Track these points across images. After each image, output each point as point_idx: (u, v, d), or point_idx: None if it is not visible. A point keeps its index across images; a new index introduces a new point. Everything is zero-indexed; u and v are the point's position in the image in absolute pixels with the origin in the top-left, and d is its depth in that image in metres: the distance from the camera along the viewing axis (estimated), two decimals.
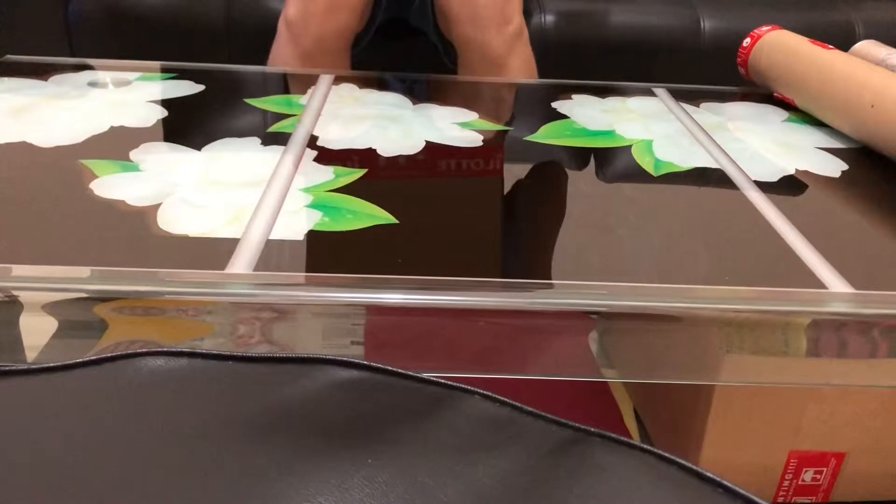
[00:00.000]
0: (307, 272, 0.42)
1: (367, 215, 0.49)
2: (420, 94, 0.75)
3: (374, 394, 0.28)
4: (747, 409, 0.52)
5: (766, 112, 0.76)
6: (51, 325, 0.40)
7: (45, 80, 0.72)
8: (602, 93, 0.79)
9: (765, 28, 0.82)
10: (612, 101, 0.77)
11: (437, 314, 0.41)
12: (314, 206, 0.50)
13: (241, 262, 0.43)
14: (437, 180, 0.56)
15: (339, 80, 0.77)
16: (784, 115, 0.76)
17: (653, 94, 0.80)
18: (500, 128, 0.67)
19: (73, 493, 0.23)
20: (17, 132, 0.59)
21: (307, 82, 0.76)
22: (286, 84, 0.77)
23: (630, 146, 0.64)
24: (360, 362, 0.29)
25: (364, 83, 0.77)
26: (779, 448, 0.54)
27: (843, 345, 0.43)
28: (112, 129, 0.61)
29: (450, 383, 0.29)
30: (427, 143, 0.62)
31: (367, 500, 0.24)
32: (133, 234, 0.45)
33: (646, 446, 0.26)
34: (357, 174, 0.55)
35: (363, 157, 0.58)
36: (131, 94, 0.70)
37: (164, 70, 0.77)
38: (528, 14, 1.10)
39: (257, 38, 1.04)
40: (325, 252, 0.45)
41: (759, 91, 0.83)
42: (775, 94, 0.80)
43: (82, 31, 1.16)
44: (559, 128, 0.68)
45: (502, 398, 0.28)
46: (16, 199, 0.49)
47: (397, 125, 0.66)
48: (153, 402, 0.27)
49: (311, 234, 0.46)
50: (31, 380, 0.28)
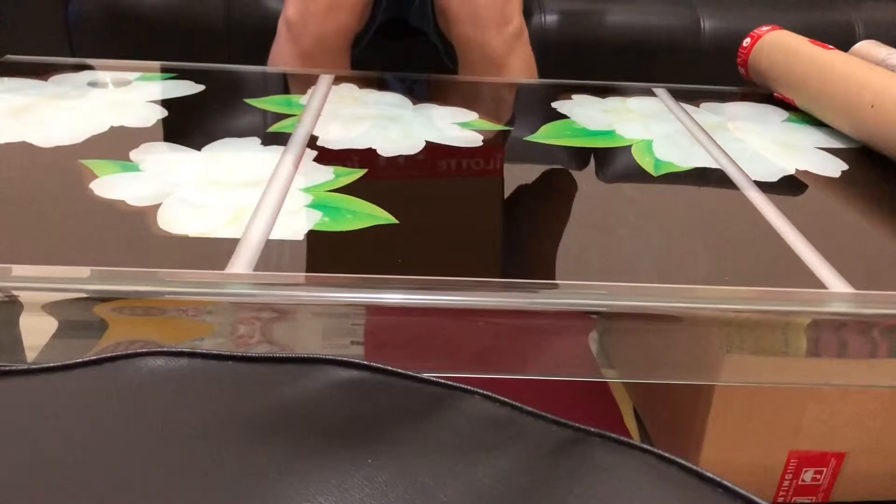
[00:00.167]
0: (307, 272, 0.42)
1: (367, 215, 0.49)
2: (420, 94, 0.75)
3: (374, 394, 0.28)
4: (747, 409, 0.52)
5: (766, 112, 0.76)
6: (51, 325, 0.40)
7: (45, 80, 0.72)
8: (602, 93, 0.79)
9: (765, 28, 0.82)
10: (612, 101, 0.77)
11: (437, 314, 0.41)
12: (314, 206, 0.50)
13: (241, 262, 0.43)
14: (437, 180, 0.56)
15: (339, 80, 0.77)
16: (784, 115, 0.76)
17: (653, 94, 0.80)
18: (500, 128, 0.67)
19: (73, 493, 0.23)
20: (17, 132, 0.59)
21: (307, 82, 0.76)
22: (286, 84, 0.77)
23: (630, 146, 0.64)
24: (360, 362, 0.29)
25: (364, 83, 0.77)
26: (779, 448, 0.54)
27: (843, 345, 0.43)
28: (112, 129, 0.61)
29: (450, 383, 0.29)
30: (427, 143, 0.62)
31: (367, 500, 0.24)
32: (133, 234, 0.45)
33: (646, 446, 0.26)
34: (357, 174, 0.55)
35: (363, 157, 0.58)
36: (131, 94, 0.70)
37: (164, 70, 0.77)
38: (528, 14, 1.10)
39: (257, 38, 1.04)
40: (325, 252, 0.45)
41: (759, 91, 0.83)
42: (775, 94, 0.80)
43: (82, 31, 1.16)
44: (559, 128, 0.68)
45: (502, 398, 0.28)
46: (16, 199, 0.49)
47: (397, 125, 0.66)
48: (153, 402, 0.27)
49: (311, 234, 0.46)
50: (31, 380, 0.28)
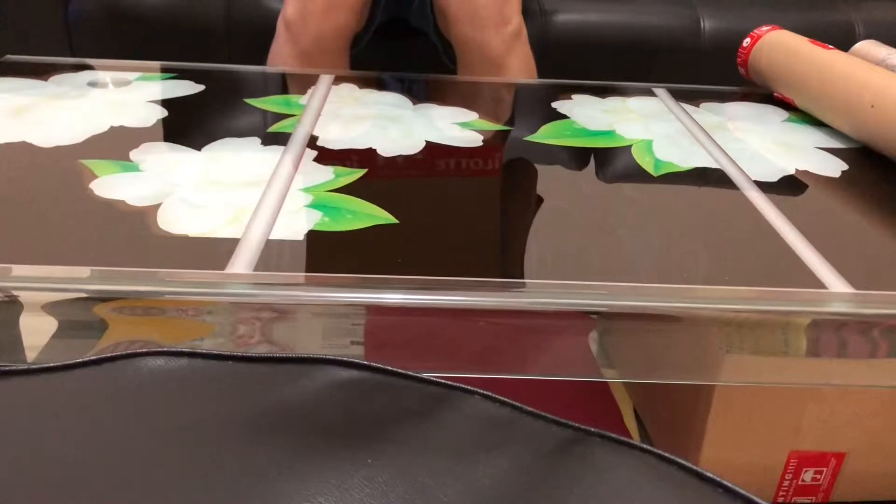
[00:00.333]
0: (307, 272, 0.42)
1: (367, 215, 0.49)
2: (420, 93, 0.75)
3: (374, 394, 0.28)
4: (747, 409, 0.52)
5: (766, 112, 0.76)
6: (51, 325, 0.40)
7: (45, 80, 0.72)
8: (602, 93, 0.79)
9: (765, 28, 0.82)
10: (612, 101, 0.77)
11: (437, 314, 0.41)
12: (314, 206, 0.50)
13: (241, 262, 0.43)
14: (437, 180, 0.56)
15: (339, 80, 0.77)
16: (784, 115, 0.76)
17: (653, 94, 0.80)
18: (500, 128, 0.67)
19: (73, 493, 0.23)
20: (17, 132, 0.59)
21: (307, 82, 0.76)
22: (286, 84, 0.77)
23: (630, 146, 0.64)
24: (360, 362, 0.29)
25: (364, 83, 0.77)
26: (779, 448, 0.54)
27: (843, 345, 0.43)
28: (112, 129, 0.61)
29: (450, 383, 0.29)
30: (427, 143, 0.62)
31: (367, 500, 0.24)
32: (133, 234, 0.45)
33: (646, 446, 0.26)
34: (357, 174, 0.55)
35: (363, 157, 0.58)
36: (131, 94, 0.70)
37: (164, 70, 0.77)
38: (527, 14, 1.10)
39: (257, 38, 1.04)
40: (325, 252, 0.45)
41: (759, 91, 0.83)
42: (775, 94, 0.80)
43: (82, 31, 1.16)
44: (559, 128, 0.68)
45: (502, 398, 0.28)
46: (16, 199, 0.49)
47: (397, 125, 0.66)
48: (153, 402, 0.27)
49: (311, 234, 0.46)
50: (31, 380, 0.28)
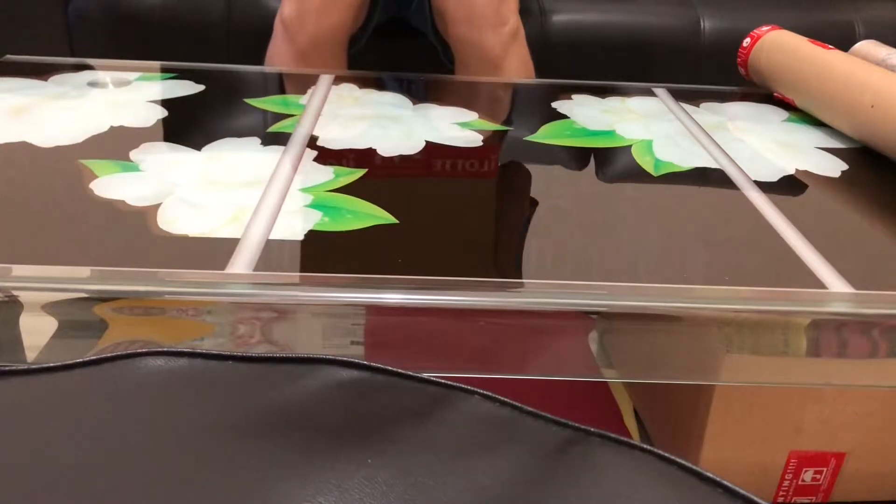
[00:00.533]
0: (307, 272, 0.42)
1: (367, 215, 0.49)
2: (420, 94, 0.75)
3: (374, 394, 0.28)
4: (747, 409, 0.52)
5: (766, 112, 0.76)
6: (51, 325, 0.40)
7: (45, 80, 0.72)
8: (602, 93, 0.79)
9: (765, 28, 0.82)
10: (612, 101, 0.77)
11: (437, 314, 0.41)
12: (314, 206, 0.50)
13: (241, 262, 0.43)
14: (437, 180, 0.56)
15: (338, 80, 0.77)
16: (784, 115, 0.76)
17: (653, 94, 0.80)
18: (499, 128, 0.67)
19: (73, 493, 0.23)
20: (17, 132, 0.59)
21: (307, 82, 0.76)
22: (286, 84, 0.77)
23: (630, 146, 0.64)
24: (360, 362, 0.29)
25: (364, 83, 0.77)
26: (779, 448, 0.54)
27: (843, 345, 0.43)
28: (112, 129, 0.61)
29: (450, 383, 0.29)
30: (427, 143, 0.62)
31: (367, 500, 0.24)
32: (133, 234, 0.45)
33: (646, 446, 0.26)
34: (357, 174, 0.55)
35: (363, 157, 0.58)
36: (131, 94, 0.70)
37: (164, 70, 0.77)
38: (527, 14, 1.10)
39: (257, 38, 1.04)
40: (325, 252, 0.45)
41: (759, 91, 0.83)
42: (775, 94, 0.80)
43: (82, 31, 1.16)
44: (559, 128, 0.68)
45: (502, 398, 0.28)
46: (16, 199, 0.49)
47: (397, 125, 0.66)
48: (153, 402, 0.27)
49: (311, 234, 0.46)
50: (31, 380, 0.28)
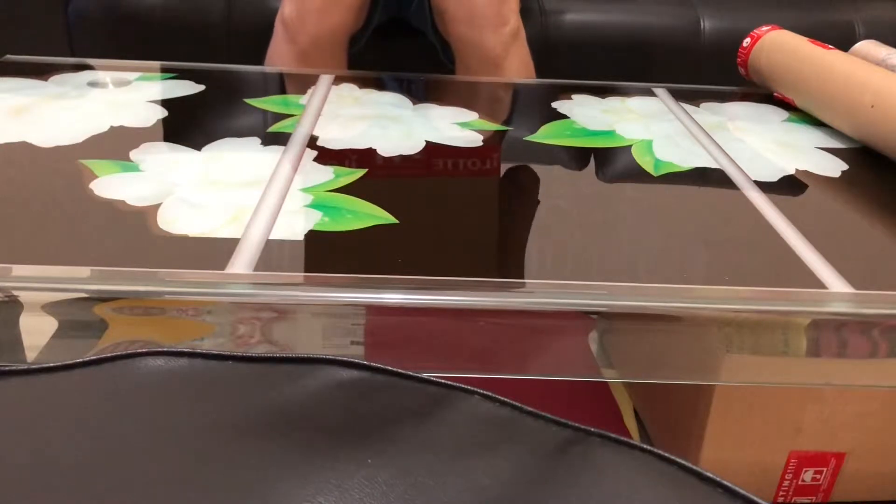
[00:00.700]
0: (307, 272, 0.42)
1: (367, 215, 0.49)
2: (420, 93, 0.75)
3: (374, 394, 0.28)
4: (747, 409, 0.52)
5: (766, 112, 0.76)
6: (51, 325, 0.40)
7: (45, 80, 0.72)
8: (602, 93, 0.79)
9: (765, 28, 0.82)
10: (612, 101, 0.77)
11: (437, 314, 0.41)
12: (314, 206, 0.50)
13: (241, 262, 0.43)
14: (437, 180, 0.56)
15: (338, 80, 0.77)
16: (784, 115, 0.76)
17: (653, 94, 0.80)
18: (499, 128, 0.67)
19: (73, 493, 0.23)
20: (17, 132, 0.59)
21: (307, 82, 0.76)
22: (286, 84, 0.77)
23: (630, 146, 0.64)
24: (360, 362, 0.29)
25: (364, 83, 0.77)
26: (779, 448, 0.54)
27: (843, 345, 0.43)
28: (112, 129, 0.61)
29: (450, 383, 0.29)
30: (427, 143, 0.62)
31: (367, 500, 0.24)
32: (133, 234, 0.45)
33: (646, 446, 0.26)
34: (357, 174, 0.55)
35: (363, 157, 0.58)
36: (131, 94, 0.70)
37: (164, 70, 0.77)
38: (527, 14, 1.10)
39: (257, 38, 1.04)
40: (325, 252, 0.45)
41: (759, 91, 0.83)
42: (775, 94, 0.80)
43: (82, 31, 1.16)
44: (559, 128, 0.68)
45: (502, 398, 0.28)
46: (16, 199, 0.49)
47: (397, 125, 0.66)
48: (153, 402, 0.27)
49: (311, 234, 0.46)
50: (31, 380, 0.28)
